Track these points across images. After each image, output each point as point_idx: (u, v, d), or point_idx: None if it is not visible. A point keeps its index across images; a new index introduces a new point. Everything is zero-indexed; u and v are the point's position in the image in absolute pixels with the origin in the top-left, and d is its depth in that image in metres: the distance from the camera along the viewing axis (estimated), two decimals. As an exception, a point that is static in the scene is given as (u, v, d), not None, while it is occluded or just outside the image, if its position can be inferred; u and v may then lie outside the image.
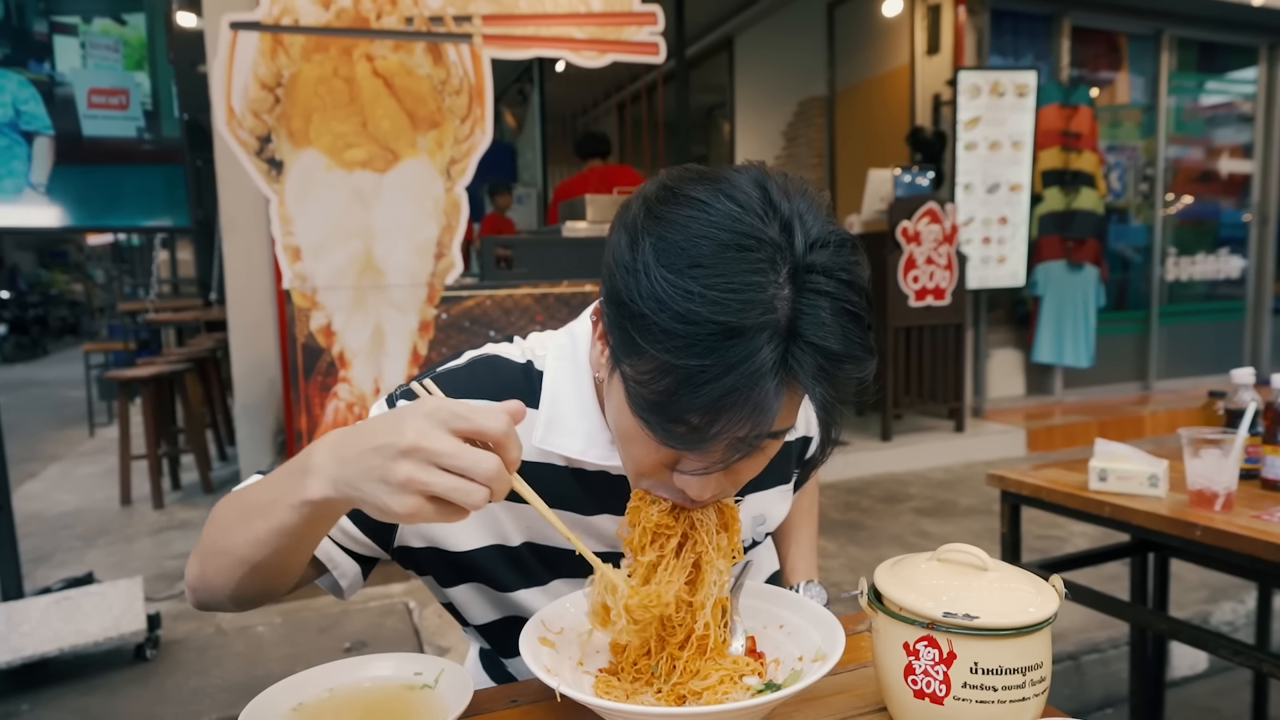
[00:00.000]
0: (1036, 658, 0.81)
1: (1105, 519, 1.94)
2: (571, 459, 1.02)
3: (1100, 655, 3.07)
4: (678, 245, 0.76)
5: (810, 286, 0.76)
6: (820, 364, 0.76)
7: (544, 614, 0.98)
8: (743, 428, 0.76)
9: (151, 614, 3.17)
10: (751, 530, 1.18)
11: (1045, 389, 7.28)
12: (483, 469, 0.72)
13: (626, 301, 0.77)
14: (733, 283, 0.73)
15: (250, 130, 3.51)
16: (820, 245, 0.77)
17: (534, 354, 1.07)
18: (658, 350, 0.74)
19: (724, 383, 0.73)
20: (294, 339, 3.62)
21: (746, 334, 0.73)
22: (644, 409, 0.79)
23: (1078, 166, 6.75)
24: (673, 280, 0.74)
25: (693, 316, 0.73)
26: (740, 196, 0.78)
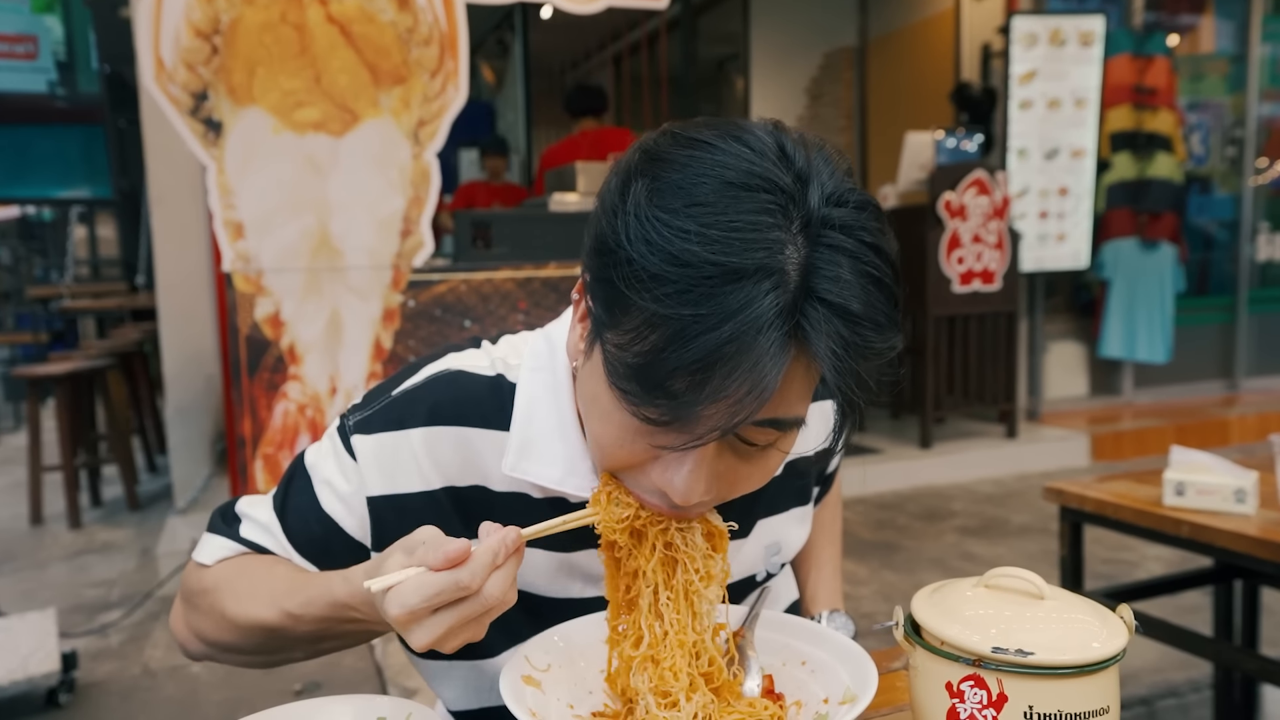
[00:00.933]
0: (1102, 701, 0.81)
1: (1183, 540, 1.94)
2: (548, 489, 1.02)
3: (1179, 700, 3.08)
4: (675, 184, 0.76)
5: (826, 241, 0.76)
6: (836, 327, 0.75)
7: (528, 648, 0.98)
8: (740, 388, 0.74)
9: (66, 652, 3.17)
10: (765, 561, 1.17)
11: (1113, 388, 7.29)
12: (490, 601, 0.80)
13: (613, 247, 0.78)
14: (736, 221, 0.73)
15: (183, 86, 3.51)
16: (838, 202, 0.77)
17: (505, 364, 1.06)
18: (646, 300, 0.74)
19: (720, 332, 0.72)
20: (236, 330, 3.62)
21: (747, 277, 0.72)
22: (624, 378, 0.78)
23: (1152, 128, 6.75)
24: (666, 220, 0.74)
25: (687, 257, 0.73)
26: (753, 140, 0.79)
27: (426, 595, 0.78)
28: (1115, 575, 4.04)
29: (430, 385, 1.04)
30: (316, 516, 1.04)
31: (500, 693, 0.90)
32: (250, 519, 1.07)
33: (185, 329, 4.92)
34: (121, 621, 3.81)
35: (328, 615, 0.94)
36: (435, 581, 0.78)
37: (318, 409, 3.72)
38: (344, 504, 1.02)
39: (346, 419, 1.05)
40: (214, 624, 1.04)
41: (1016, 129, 6.36)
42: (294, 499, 1.05)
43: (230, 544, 1.07)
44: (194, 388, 4.95)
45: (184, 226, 4.81)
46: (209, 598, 1.04)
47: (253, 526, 1.07)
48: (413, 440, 1.01)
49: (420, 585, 0.78)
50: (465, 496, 1.03)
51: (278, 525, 1.05)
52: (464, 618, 0.79)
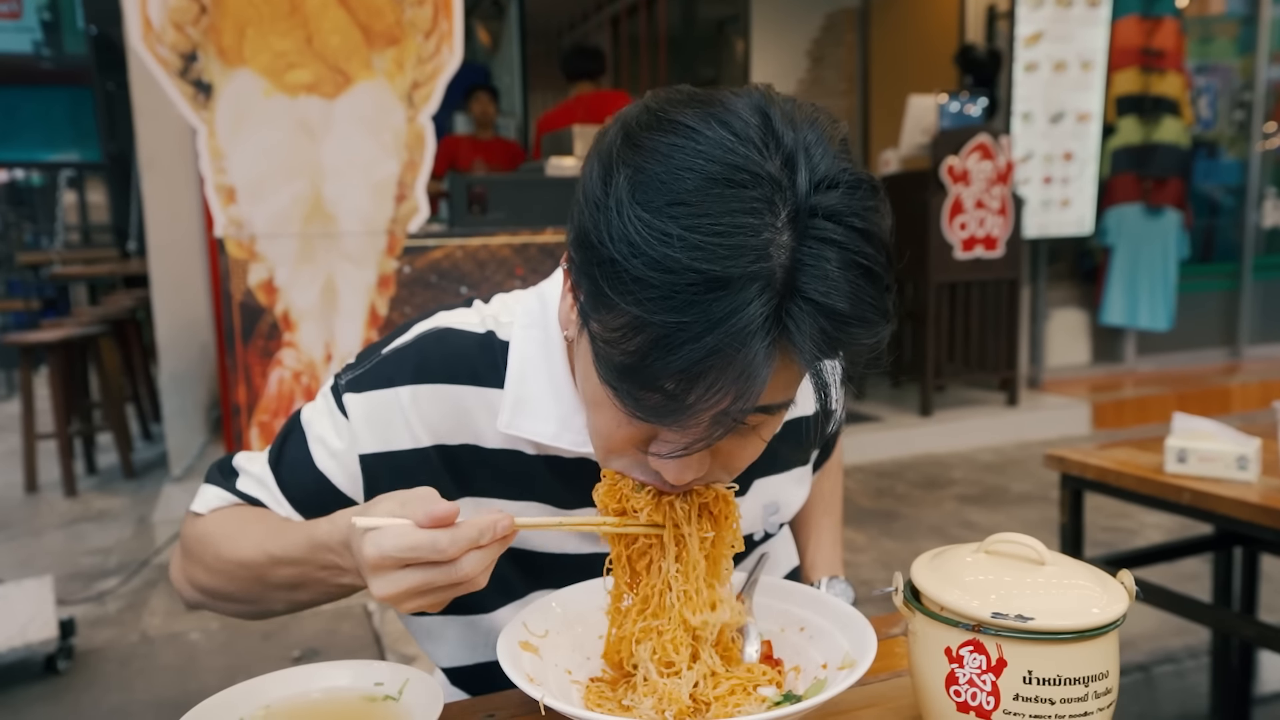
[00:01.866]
0: (1101, 666, 0.81)
1: (1184, 507, 1.95)
2: (543, 445, 1.02)
3: (1176, 666, 3.10)
4: (657, 179, 0.74)
5: (814, 233, 0.74)
6: (822, 326, 0.74)
7: (525, 614, 0.99)
8: (726, 398, 0.75)
9: (64, 619, 3.19)
10: (763, 520, 1.18)
11: (1115, 356, 7.29)
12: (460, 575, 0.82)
13: (595, 244, 0.76)
14: (719, 224, 0.72)
15: (172, 46, 3.48)
16: (829, 185, 0.75)
17: (497, 322, 1.07)
18: (628, 303, 0.73)
19: (705, 343, 0.72)
20: (229, 296, 3.62)
21: (733, 285, 0.71)
22: (612, 374, 0.78)
23: (1159, 91, 6.70)
24: (648, 220, 0.73)
25: (669, 263, 0.71)
26: (736, 124, 0.76)
27: (402, 546, 0.80)
28: (1115, 543, 4.07)
29: (419, 343, 1.05)
30: (310, 473, 1.06)
31: (496, 654, 0.91)
32: (246, 473, 1.10)
33: (178, 295, 4.90)
34: (119, 589, 3.83)
35: (306, 557, 0.96)
36: (415, 536, 0.80)
37: (313, 376, 3.72)
38: (337, 461, 1.04)
39: (340, 377, 1.06)
40: (205, 569, 1.07)
41: (1021, 92, 6.31)
42: (289, 455, 1.08)
43: (225, 495, 1.10)
44: (188, 355, 4.94)
45: (175, 191, 4.78)
46: (201, 545, 1.07)
47: (249, 480, 1.09)
48: (401, 398, 1.02)
49: (400, 534, 0.80)
50: (455, 455, 1.05)
51: (272, 479, 1.08)
52: (429, 582, 0.81)
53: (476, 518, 0.82)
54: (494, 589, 1.07)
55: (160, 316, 4.85)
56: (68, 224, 10.57)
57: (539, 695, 0.84)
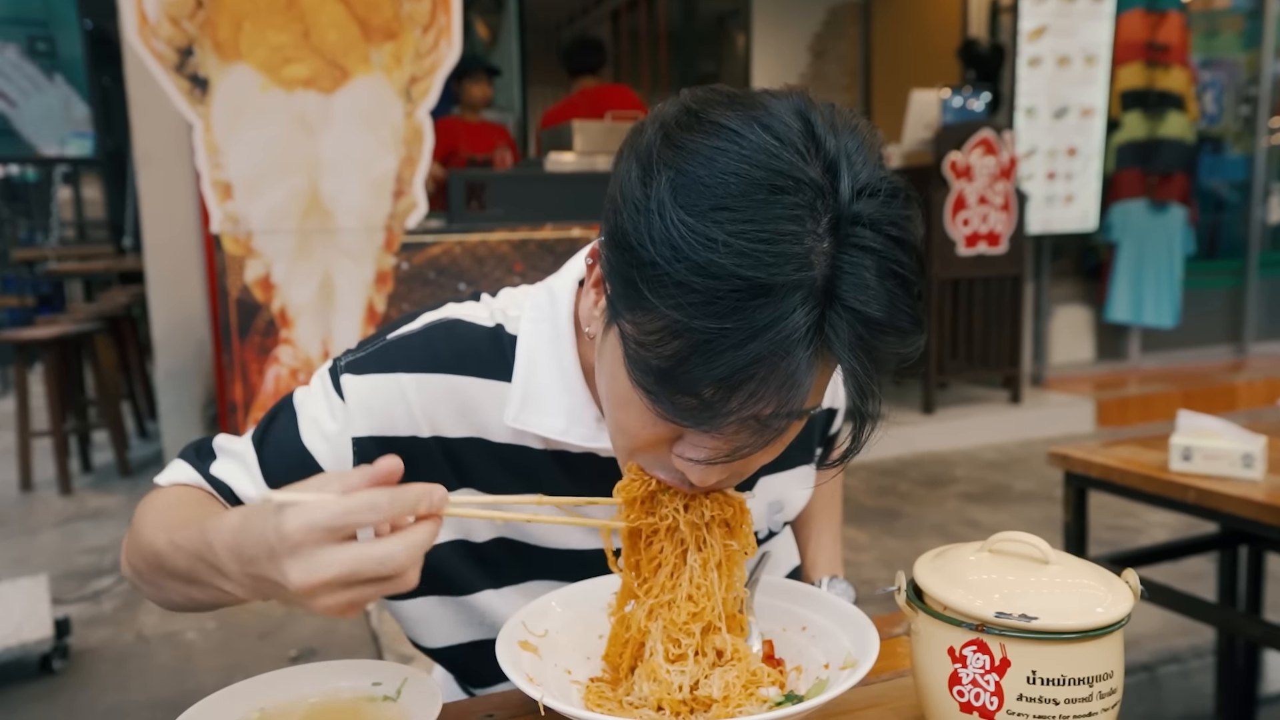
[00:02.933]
0: (1106, 666, 0.81)
1: (1189, 506, 1.95)
2: (551, 440, 1.02)
3: (1181, 666, 3.11)
4: (701, 182, 0.75)
5: (854, 241, 0.75)
6: (859, 332, 0.76)
7: (525, 614, 0.99)
8: (767, 405, 0.76)
9: (59, 619, 3.19)
10: (767, 519, 1.19)
11: (1119, 353, 7.29)
12: (390, 566, 0.71)
13: (635, 246, 0.76)
14: (764, 231, 0.73)
15: (168, 41, 3.47)
16: (869, 193, 0.76)
17: (505, 315, 1.07)
18: (669, 307, 0.74)
19: (748, 350, 0.73)
20: (225, 293, 3.61)
21: (777, 293, 0.72)
22: (646, 376, 0.79)
23: (1164, 86, 6.70)
24: (692, 224, 0.73)
25: (714, 269, 0.72)
26: (778, 127, 0.77)
27: (334, 513, 0.71)
28: (1119, 542, 4.07)
29: (427, 333, 1.05)
30: (296, 452, 1.02)
31: (487, 634, 0.90)
32: (225, 452, 1.06)
33: (174, 292, 4.90)
34: (114, 588, 3.83)
35: (194, 552, 0.86)
36: (349, 500, 0.71)
37: (309, 373, 3.71)
38: (328, 442, 1.02)
39: (338, 360, 1.05)
40: (134, 544, 1.00)
41: (1025, 87, 6.31)
42: (275, 434, 1.05)
43: (193, 474, 1.05)
44: (184, 352, 4.94)
45: (171, 187, 4.78)
46: (140, 518, 1.01)
47: (226, 461, 1.05)
48: (404, 384, 1.02)
49: (331, 502, 0.71)
50: (457, 449, 1.04)
51: (254, 458, 1.04)
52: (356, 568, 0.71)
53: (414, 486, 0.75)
54: (482, 573, 1.07)
55: (156, 313, 4.85)
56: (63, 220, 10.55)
57: (538, 695, 0.84)
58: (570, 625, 1.01)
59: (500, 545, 1.07)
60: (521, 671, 0.88)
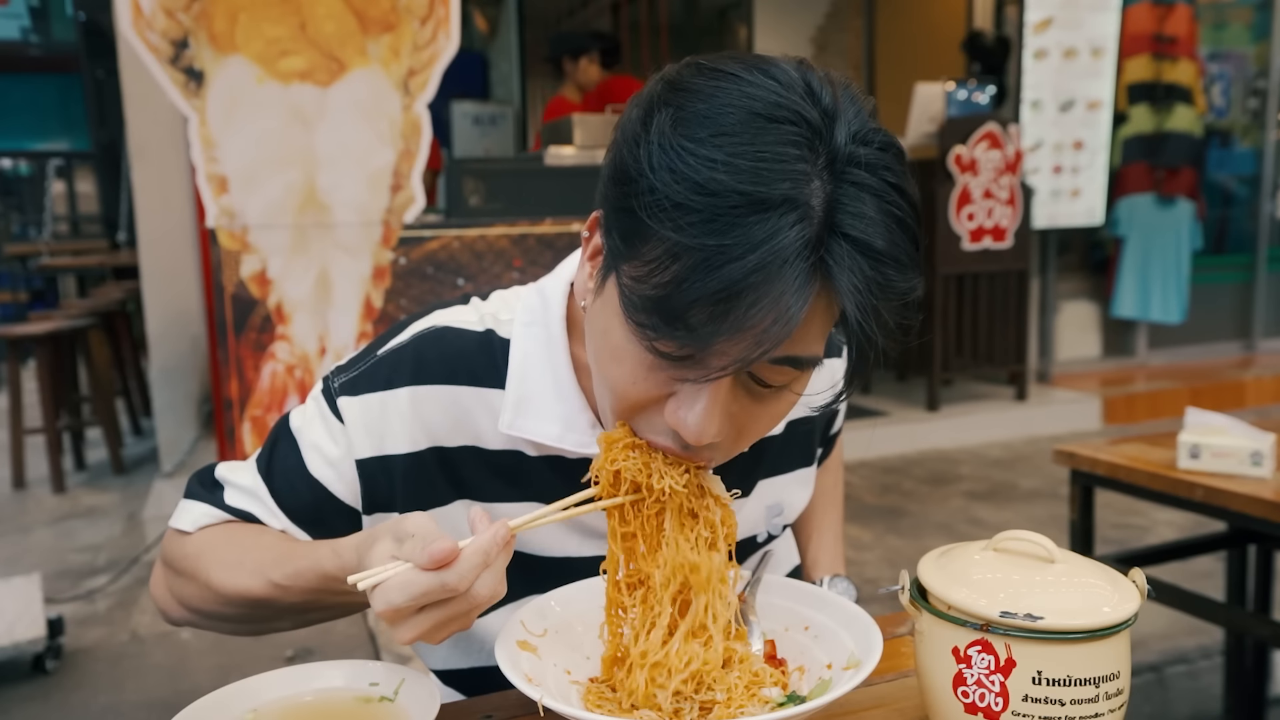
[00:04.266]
0: (1112, 666, 0.81)
1: (1197, 504, 1.95)
2: (545, 446, 1.02)
3: (1189, 666, 3.11)
4: (700, 114, 0.77)
5: (850, 178, 0.77)
6: (859, 264, 0.76)
7: (524, 614, 0.99)
8: (762, 320, 0.75)
9: (52, 618, 3.19)
10: (766, 522, 1.18)
11: (1126, 349, 7.29)
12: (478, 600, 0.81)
13: (634, 176, 0.78)
14: (763, 151, 0.75)
15: (162, 33, 3.47)
16: (863, 141, 0.78)
17: (496, 319, 1.06)
18: (668, 228, 0.75)
19: (745, 262, 0.73)
20: (221, 288, 3.61)
21: (774, 208, 0.74)
22: (645, 312, 0.79)
23: (1172, 79, 6.69)
24: (692, 148, 0.75)
25: (713, 186, 0.74)
26: (779, 74, 0.79)
27: (412, 595, 0.79)
28: (1125, 540, 4.07)
29: (416, 343, 1.04)
30: (305, 482, 1.04)
31: (494, 656, 0.91)
32: (233, 485, 1.07)
33: (169, 287, 4.90)
34: (108, 587, 3.83)
35: (315, 587, 0.95)
36: (421, 581, 0.79)
37: (306, 370, 3.72)
38: (333, 469, 1.03)
39: (331, 381, 1.05)
40: (198, 591, 1.04)
41: (1030, 80, 6.30)
42: (280, 464, 1.05)
43: (213, 510, 1.06)
44: (179, 348, 4.94)
45: (166, 181, 4.78)
46: (192, 564, 1.04)
47: (237, 493, 1.06)
48: (400, 400, 1.02)
49: (406, 584, 0.79)
50: (454, 458, 1.04)
51: (265, 491, 1.05)
52: (450, 615, 0.81)
53: (476, 541, 0.81)
54: None
55: (151, 309, 4.85)
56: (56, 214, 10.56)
57: (537, 696, 0.84)
58: (570, 625, 1.00)
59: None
60: (520, 672, 0.88)
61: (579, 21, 11.46)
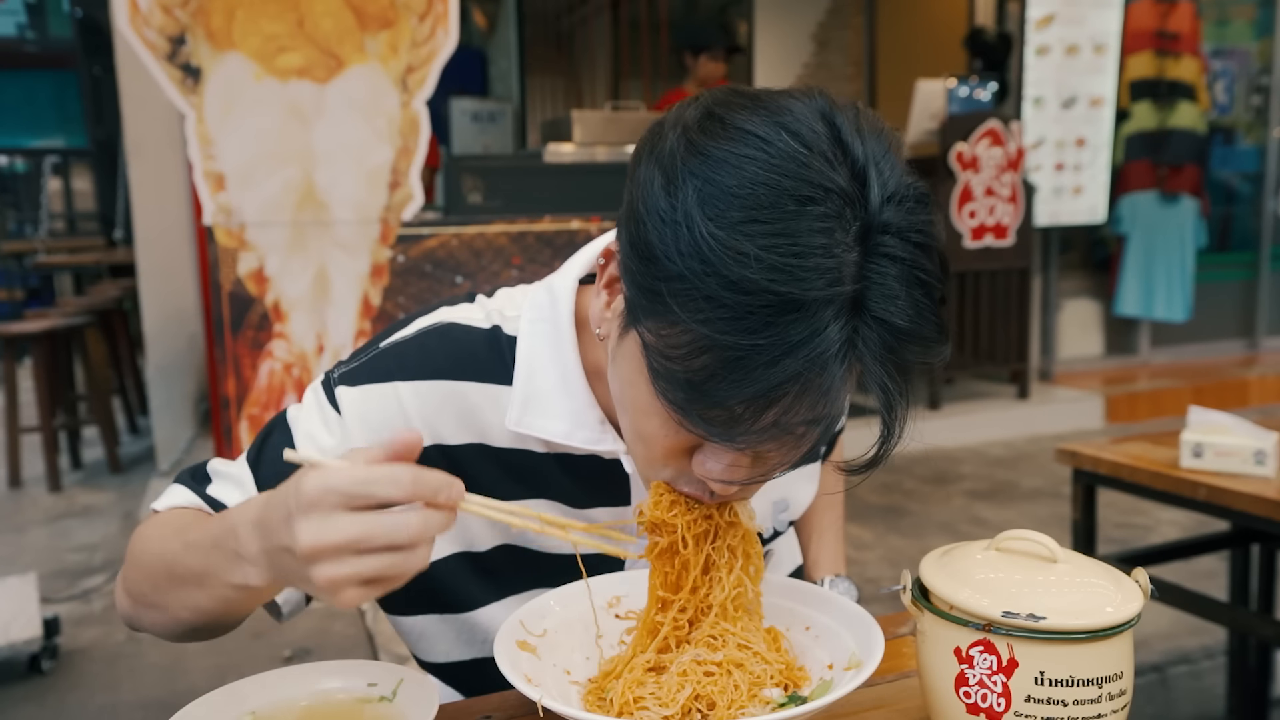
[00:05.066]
0: (1115, 667, 0.81)
1: (1200, 503, 1.95)
2: (553, 443, 1.02)
3: (1191, 666, 3.11)
4: (729, 192, 0.74)
5: (882, 250, 0.75)
6: (887, 342, 0.76)
7: (523, 613, 0.99)
8: (799, 417, 0.76)
9: (49, 618, 3.19)
10: (773, 518, 1.18)
11: (1129, 348, 7.29)
12: (407, 534, 0.71)
13: (661, 258, 0.76)
14: (796, 245, 0.72)
15: (159, 29, 3.47)
16: (897, 201, 0.77)
17: (502, 316, 1.06)
18: (697, 321, 0.73)
19: (782, 367, 0.73)
20: (218, 286, 3.61)
21: (810, 308, 0.72)
22: (672, 388, 0.78)
23: (1175, 75, 6.69)
24: (723, 238, 0.73)
25: (746, 285, 0.72)
26: (806, 133, 0.76)
27: (354, 479, 0.71)
28: (1128, 540, 4.07)
29: (421, 338, 1.04)
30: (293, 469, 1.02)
31: (489, 651, 0.91)
32: (221, 475, 1.04)
33: (166, 285, 4.90)
34: (105, 587, 3.83)
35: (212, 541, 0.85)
36: (370, 470, 0.72)
37: (304, 368, 3.72)
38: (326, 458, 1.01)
39: (331, 373, 1.04)
40: (135, 565, 0.98)
41: (1032, 76, 6.30)
42: (270, 452, 1.03)
43: (190, 496, 1.03)
44: (176, 346, 4.94)
45: (163, 178, 4.78)
46: (141, 539, 0.99)
47: (223, 483, 1.04)
48: (401, 393, 1.01)
49: (353, 469, 0.72)
50: (458, 455, 1.03)
51: (250, 478, 1.03)
52: (368, 535, 0.71)
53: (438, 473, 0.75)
54: (485, 585, 1.06)
55: (147, 307, 4.85)
56: (52, 212, 10.56)
57: (537, 696, 0.83)
58: (569, 625, 1.00)
59: (503, 553, 1.06)
60: (520, 672, 0.88)
61: (579, 18, 11.45)
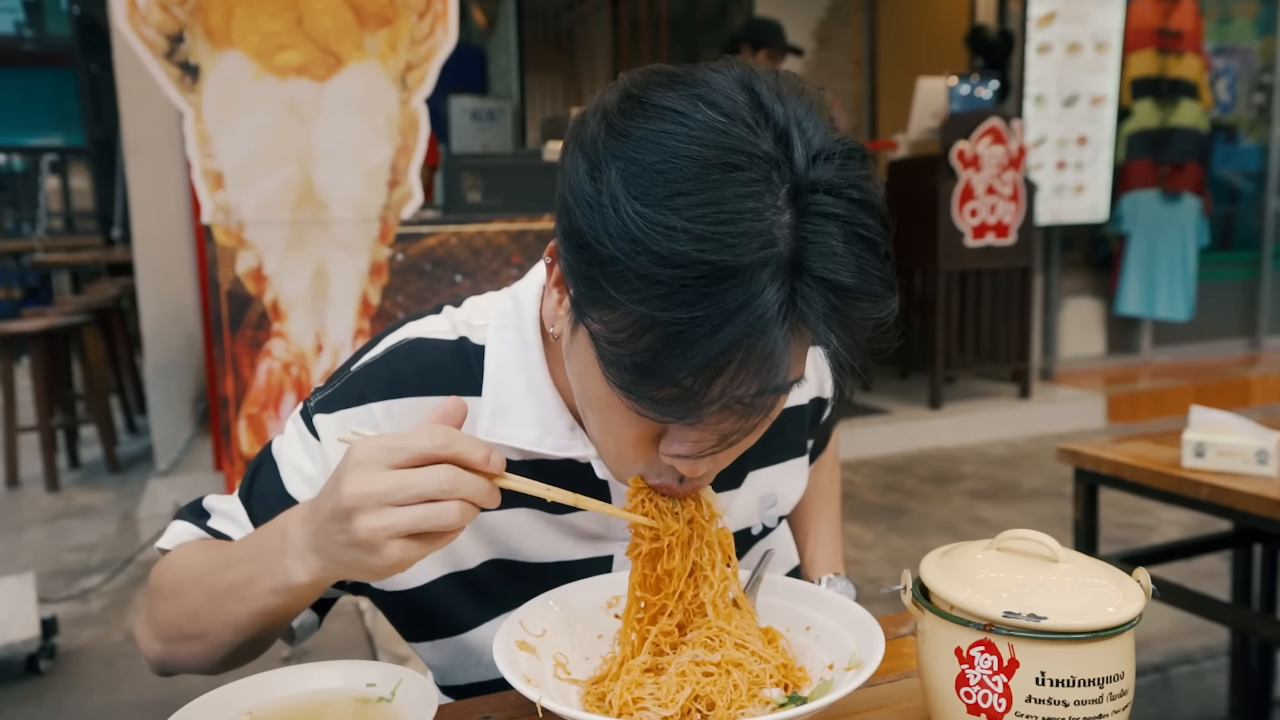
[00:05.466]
0: (1117, 667, 0.81)
1: (1202, 503, 1.95)
2: (526, 450, 1.02)
3: (1193, 667, 3.11)
4: (651, 169, 0.74)
5: (815, 209, 0.75)
6: (832, 302, 0.76)
7: (522, 613, 0.99)
8: (749, 386, 0.76)
9: (46, 618, 3.20)
10: (760, 513, 1.18)
11: (1131, 347, 7.29)
12: (439, 484, 0.76)
13: (592, 244, 0.76)
14: (723, 212, 0.72)
15: (158, 27, 3.47)
16: (825, 158, 0.77)
17: (469, 326, 1.06)
18: (635, 302, 0.74)
19: (723, 335, 0.73)
20: (217, 285, 3.61)
21: (744, 273, 0.72)
22: (622, 374, 0.78)
23: (1177, 73, 6.69)
24: (649, 215, 0.73)
25: (677, 258, 0.72)
26: (724, 102, 0.77)
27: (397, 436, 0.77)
28: (1130, 540, 4.07)
29: (389, 357, 1.05)
30: (284, 503, 1.03)
31: (492, 669, 0.91)
32: (218, 512, 1.08)
33: (164, 284, 4.90)
34: (103, 587, 3.83)
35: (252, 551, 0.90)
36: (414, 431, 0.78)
37: (303, 367, 3.72)
38: (312, 487, 1.03)
39: (309, 402, 1.05)
40: (163, 603, 1.01)
41: (1034, 74, 6.30)
42: (260, 486, 1.06)
43: (193, 529, 1.07)
44: (174, 345, 4.94)
45: (161, 176, 4.77)
46: (161, 577, 1.03)
47: (220, 519, 1.07)
48: (375, 414, 1.02)
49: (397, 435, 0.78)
50: None
51: (243, 514, 1.05)
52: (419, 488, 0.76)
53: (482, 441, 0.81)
54: (482, 604, 1.06)
55: (146, 306, 4.85)
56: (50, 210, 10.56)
57: (536, 697, 0.83)
58: (569, 625, 1.00)
59: (491, 568, 1.06)
60: (519, 672, 0.88)
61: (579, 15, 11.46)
